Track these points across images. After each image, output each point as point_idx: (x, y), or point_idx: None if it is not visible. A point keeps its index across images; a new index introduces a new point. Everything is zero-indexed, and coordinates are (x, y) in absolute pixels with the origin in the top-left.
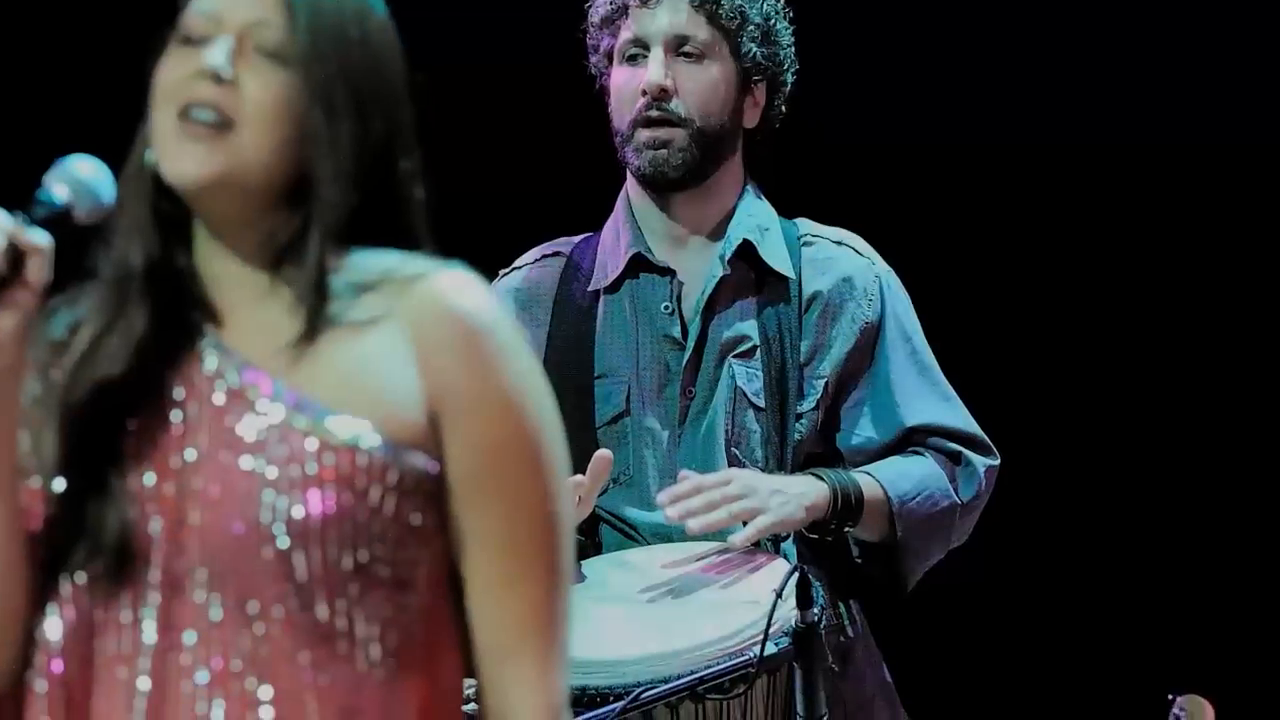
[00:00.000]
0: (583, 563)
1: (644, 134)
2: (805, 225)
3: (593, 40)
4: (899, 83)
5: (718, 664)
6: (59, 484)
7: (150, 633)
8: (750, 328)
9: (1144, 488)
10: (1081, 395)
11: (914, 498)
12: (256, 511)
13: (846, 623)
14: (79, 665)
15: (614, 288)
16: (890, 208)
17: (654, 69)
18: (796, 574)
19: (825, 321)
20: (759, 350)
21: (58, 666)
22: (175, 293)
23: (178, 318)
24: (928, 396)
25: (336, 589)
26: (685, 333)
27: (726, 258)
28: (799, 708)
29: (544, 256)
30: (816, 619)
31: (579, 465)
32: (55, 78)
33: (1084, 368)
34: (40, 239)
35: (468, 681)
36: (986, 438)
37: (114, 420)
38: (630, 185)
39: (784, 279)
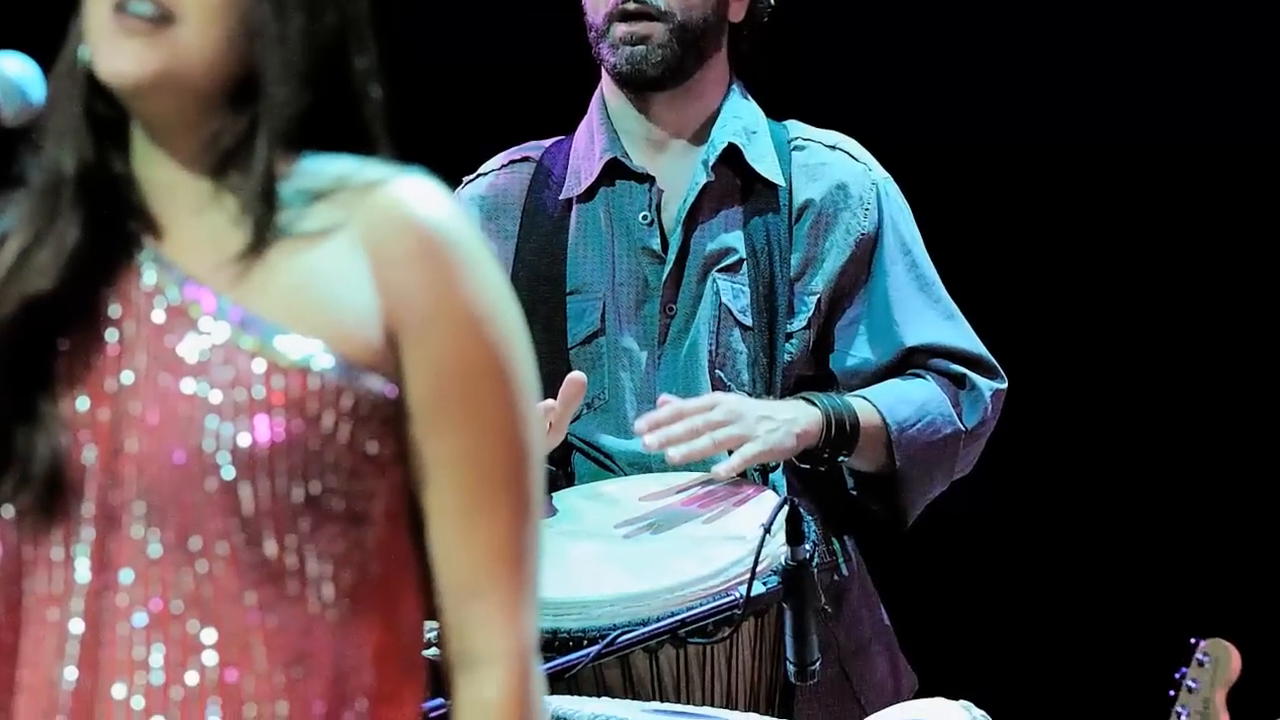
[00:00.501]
0: (554, 495)
1: (620, 29)
2: (796, 128)
3: None
4: (899, 82)
5: (700, 605)
6: None
7: (83, 571)
8: (736, 239)
9: (1167, 420)
10: (1105, 321)
11: (914, 424)
12: (199, 439)
13: (840, 560)
14: (6, 606)
15: (588, 196)
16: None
17: None
18: (786, 507)
19: (818, 232)
20: (745, 264)
21: None
22: (111, 202)
23: (113, 229)
24: (929, 314)
25: (286, 523)
26: (665, 245)
27: (710, 163)
28: (789, 653)
29: (511, 162)
30: (808, 556)
31: (550, 389)
32: None
33: (1108, 297)
34: None
35: (429, 624)
36: (993, 359)
37: (44, 340)
38: (606, 85)
39: (773, 186)
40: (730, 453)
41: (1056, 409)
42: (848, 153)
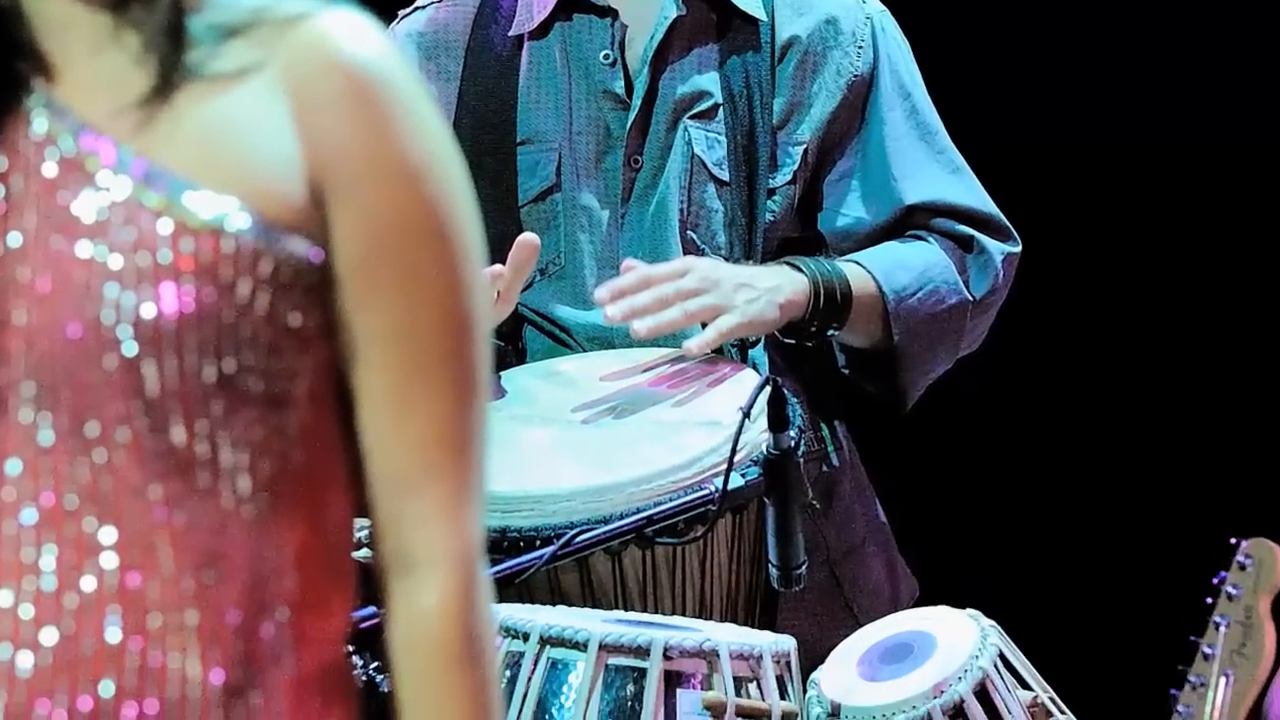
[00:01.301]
0: (502, 374)
1: None
2: None
3: None
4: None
5: (670, 500)
6: None
7: None
8: (711, 81)
9: (1211, 296)
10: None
11: (914, 293)
12: (97, 310)
13: (830, 449)
14: None
15: (541, 32)
16: None
17: None
18: (768, 388)
19: (804, 74)
20: (721, 110)
21: None
22: None
23: None
24: (932, 167)
25: (196, 407)
26: (630, 88)
27: None
28: (771, 555)
29: None
30: (792, 444)
31: (498, 253)
32: None
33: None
34: None
35: (359, 522)
36: (1004, 219)
37: None
38: None
39: (753, 21)
40: (704, 326)
41: (1081, 275)
42: None
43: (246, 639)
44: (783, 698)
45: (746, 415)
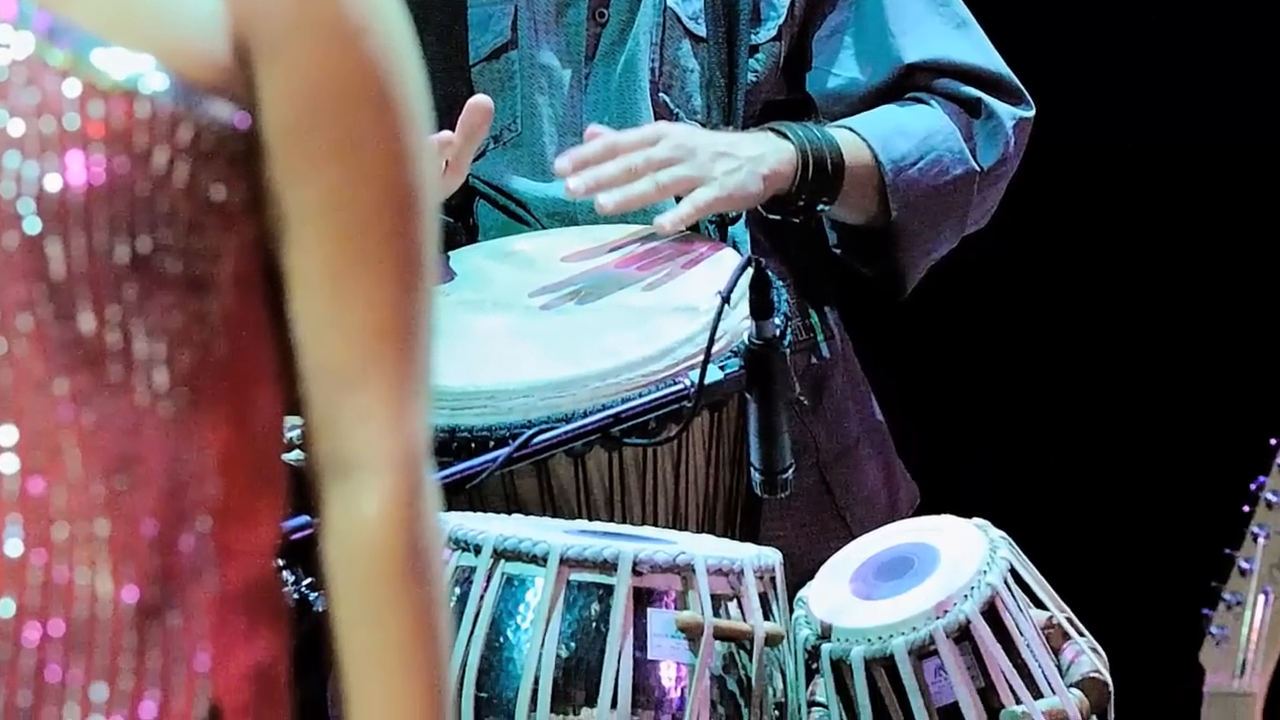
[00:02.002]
0: (451, 254)
1: None
2: None
3: None
4: None
5: (640, 396)
6: None
7: None
8: None
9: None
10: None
11: (914, 162)
12: None
13: (820, 339)
14: None
15: None
16: None
17: None
18: (750, 270)
19: None
20: None
21: None
22: None
23: None
24: (934, 21)
25: (107, 291)
26: None
27: None
28: (754, 457)
29: None
30: (777, 333)
31: (447, 117)
32: None
33: None
34: None
35: (290, 421)
36: (1015, 79)
37: None
38: None
39: None
40: (678, 199)
41: (1097, 140)
42: None
43: (163, 552)
44: (766, 618)
45: (726, 300)
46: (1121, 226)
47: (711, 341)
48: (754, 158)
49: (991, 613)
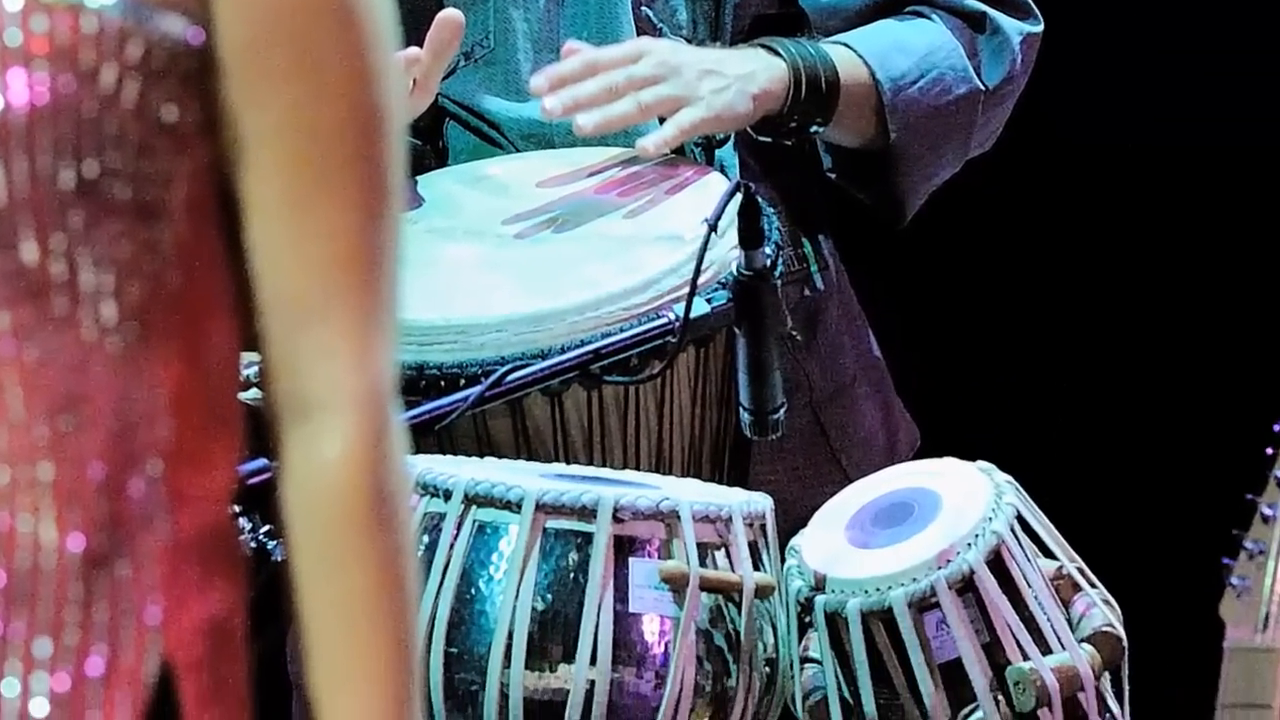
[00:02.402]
0: (419, 179)
1: None
2: None
3: None
4: None
5: (621, 330)
6: None
7: None
8: None
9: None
10: None
11: (914, 81)
12: None
13: (814, 269)
14: None
15: None
16: None
17: None
18: (739, 196)
19: None
20: None
21: None
22: None
23: None
24: None
25: (51, 218)
26: None
27: None
28: (743, 396)
29: None
30: (768, 263)
31: (414, 33)
32: None
33: None
34: None
35: (247, 358)
36: None
37: None
38: None
39: None
40: (662, 121)
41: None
42: None
43: (111, 498)
44: (756, 568)
45: (713, 228)
46: (1135, 166)
47: (697, 272)
48: (743, 76)
49: (997, 562)
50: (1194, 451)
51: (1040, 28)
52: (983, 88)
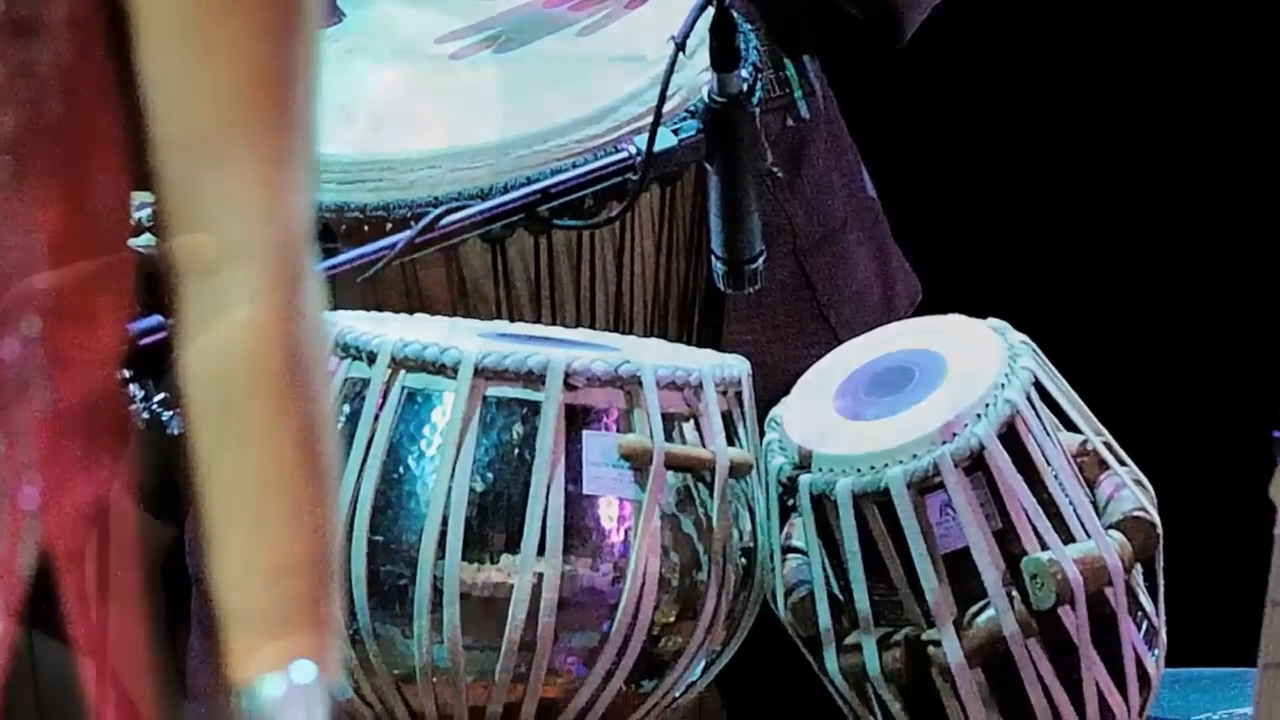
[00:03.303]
0: None
1: None
2: None
3: None
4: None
5: (574, 166)
6: None
7: None
8: None
9: None
10: None
11: None
12: None
13: (798, 96)
14: None
15: None
16: None
17: None
18: (710, 10)
19: None
20: None
21: None
22: None
23: None
24: None
25: None
26: None
27: None
28: (715, 242)
29: None
30: (745, 89)
31: None
32: None
33: None
34: None
35: (139, 198)
36: None
37: None
38: None
39: None
40: None
41: None
42: None
43: None
44: (730, 443)
45: (680, 47)
46: None
47: (663, 99)
48: None
49: (1010, 436)
50: (1234, 313)
51: None
52: None
